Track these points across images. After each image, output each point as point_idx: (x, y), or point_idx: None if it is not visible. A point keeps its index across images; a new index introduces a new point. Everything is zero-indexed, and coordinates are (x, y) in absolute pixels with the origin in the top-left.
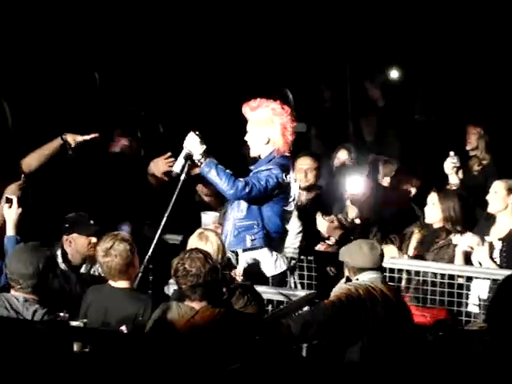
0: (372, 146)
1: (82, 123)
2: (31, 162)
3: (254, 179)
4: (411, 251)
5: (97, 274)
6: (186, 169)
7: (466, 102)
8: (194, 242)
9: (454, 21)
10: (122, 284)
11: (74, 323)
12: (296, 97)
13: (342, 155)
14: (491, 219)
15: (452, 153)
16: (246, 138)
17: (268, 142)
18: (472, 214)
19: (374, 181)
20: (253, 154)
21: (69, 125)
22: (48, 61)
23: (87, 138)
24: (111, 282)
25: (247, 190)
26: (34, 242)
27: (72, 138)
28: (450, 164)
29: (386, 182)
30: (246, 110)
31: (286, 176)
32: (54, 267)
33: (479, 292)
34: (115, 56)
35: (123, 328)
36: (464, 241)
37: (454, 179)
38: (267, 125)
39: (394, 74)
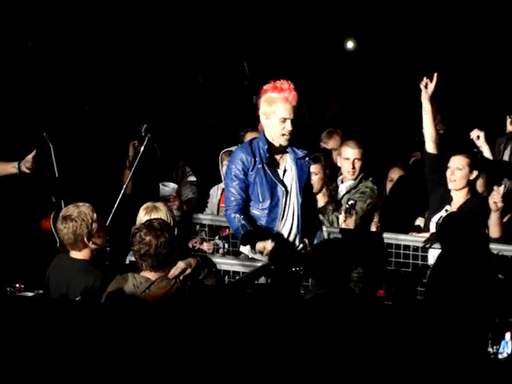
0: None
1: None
2: None
3: None
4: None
5: None
6: (145, 141)
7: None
8: (141, 215)
9: None
10: (76, 255)
11: (28, 294)
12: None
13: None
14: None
15: None
16: (292, 126)
17: None
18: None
19: None
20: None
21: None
22: None
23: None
24: (69, 253)
25: None
26: None
27: (25, 167)
28: None
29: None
30: (294, 95)
31: None
32: None
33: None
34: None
35: (78, 299)
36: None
37: None
38: None
39: (350, 44)
